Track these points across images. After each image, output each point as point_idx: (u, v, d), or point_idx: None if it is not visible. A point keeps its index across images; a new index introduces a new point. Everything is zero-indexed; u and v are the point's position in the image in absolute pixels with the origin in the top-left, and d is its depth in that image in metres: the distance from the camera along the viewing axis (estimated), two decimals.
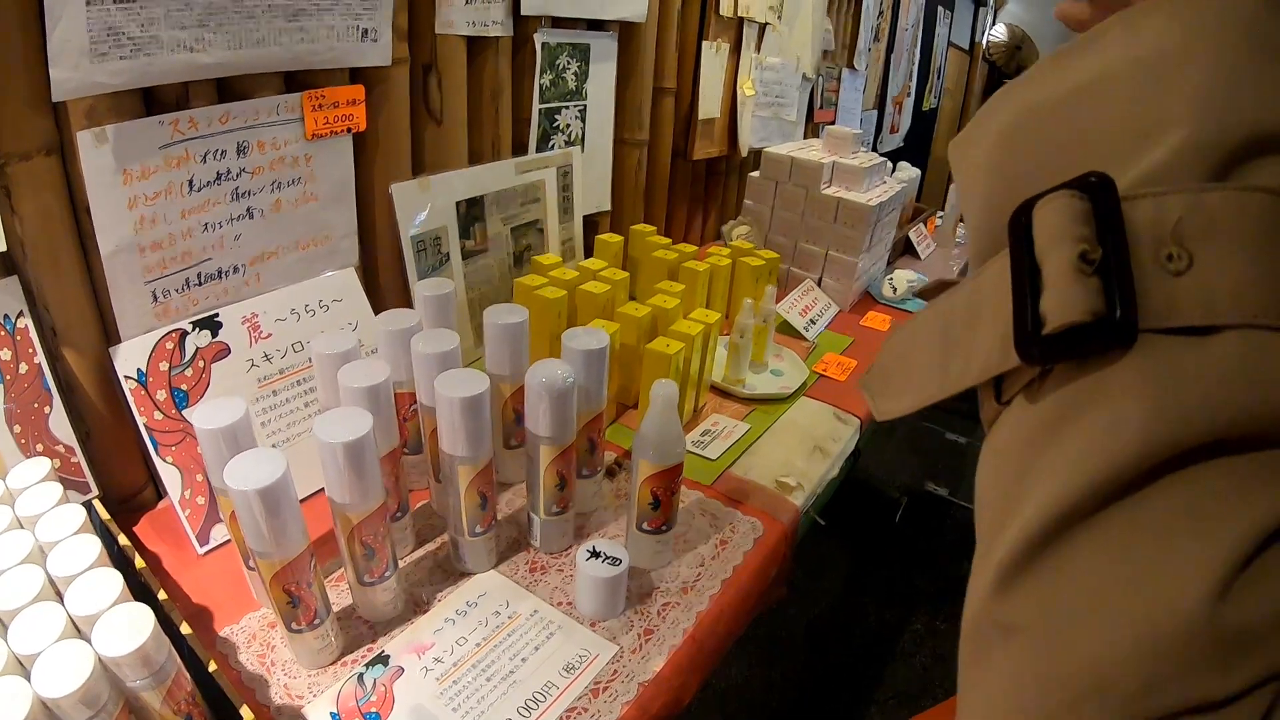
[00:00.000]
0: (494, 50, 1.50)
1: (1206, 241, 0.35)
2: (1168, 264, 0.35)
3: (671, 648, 0.98)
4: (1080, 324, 0.36)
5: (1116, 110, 0.39)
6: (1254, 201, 0.34)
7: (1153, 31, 0.39)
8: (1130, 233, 0.36)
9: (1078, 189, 0.37)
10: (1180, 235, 0.35)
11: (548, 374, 1.00)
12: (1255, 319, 0.33)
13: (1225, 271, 0.34)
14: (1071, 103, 0.41)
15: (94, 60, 0.91)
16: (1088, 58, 0.41)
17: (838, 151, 2.15)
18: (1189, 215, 0.35)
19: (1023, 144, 0.43)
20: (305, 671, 0.91)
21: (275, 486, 0.77)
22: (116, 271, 1.03)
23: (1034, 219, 0.39)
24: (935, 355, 0.46)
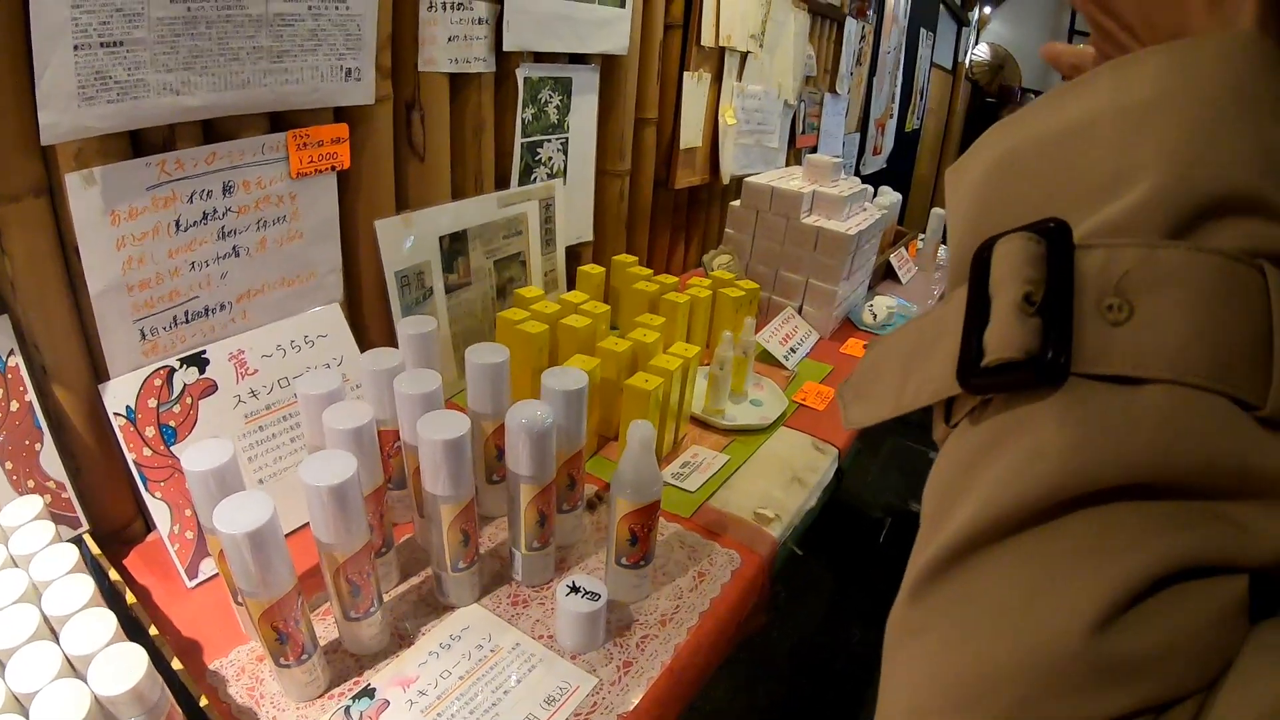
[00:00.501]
0: (477, 86, 1.52)
1: (1150, 296, 0.36)
2: (1108, 313, 0.37)
3: (650, 680, 1.00)
4: (1014, 360, 0.38)
5: (1094, 154, 0.41)
6: (1206, 263, 0.36)
7: (1139, 80, 0.40)
8: (1078, 279, 0.38)
9: (1036, 232, 0.39)
10: (1125, 288, 0.37)
11: (527, 415, 1.02)
12: (1183, 376, 0.35)
13: (1163, 327, 0.36)
14: (1056, 143, 0.43)
15: (82, 104, 0.93)
16: (1078, 100, 0.43)
17: (818, 180, 2.18)
18: (1137, 269, 0.36)
19: (1006, 179, 0.45)
20: (293, 704, 0.93)
21: (263, 530, 0.79)
22: (105, 310, 1.05)
23: (993, 256, 0.41)
24: (898, 373, 0.48)
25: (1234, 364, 0.35)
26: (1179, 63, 0.40)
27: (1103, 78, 0.42)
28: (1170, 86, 0.39)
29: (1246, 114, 0.38)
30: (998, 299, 0.40)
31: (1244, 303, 0.36)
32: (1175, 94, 0.39)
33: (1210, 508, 0.35)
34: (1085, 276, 0.38)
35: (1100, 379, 0.37)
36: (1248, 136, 0.38)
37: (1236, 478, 0.35)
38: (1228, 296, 0.36)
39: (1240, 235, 0.37)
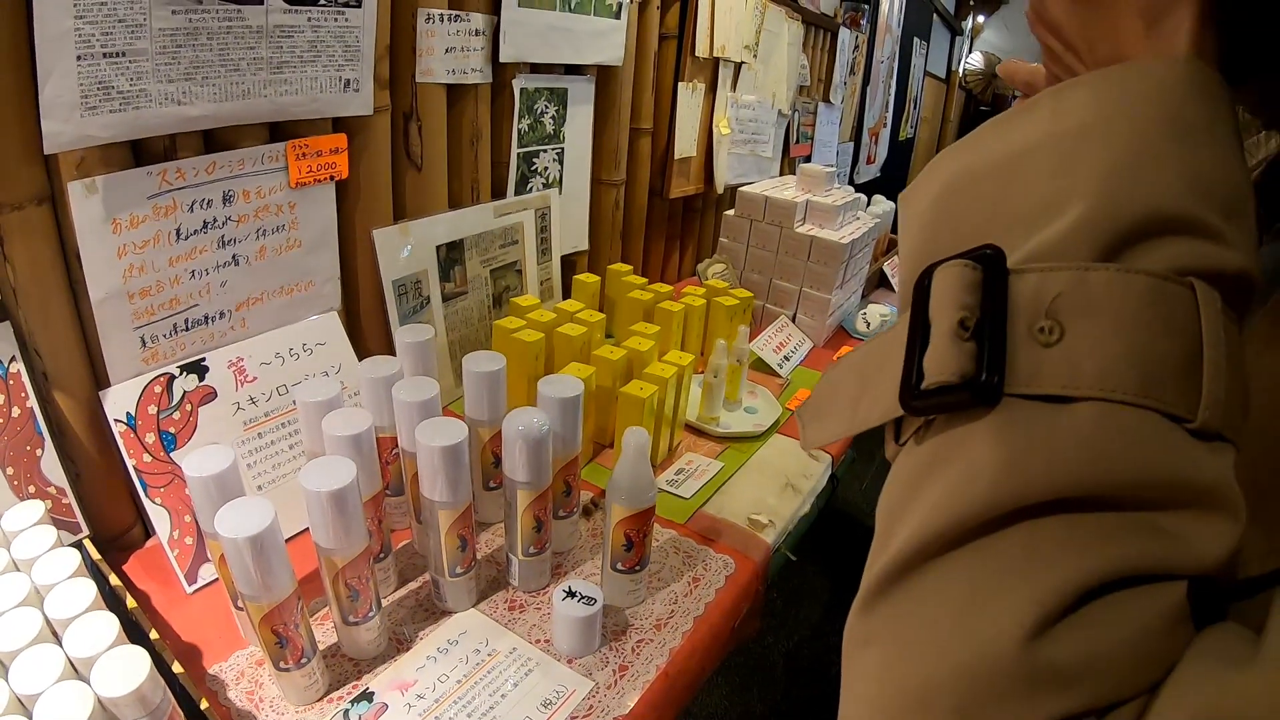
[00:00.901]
0: (473, 97, 1.54)
1: (1081, 318, 0.38)
2: (1039, 335, 0.38)
3: (645, 683, 1.01)
4: (950, 384, 0.40)
5: (1029, 180, 0.42)
6: (1135, 283, 0.38)
7: (1076, 106, 0.42)
8: (1011, 304, 0.39)
9: (973, 259, 0.41)
10: (1056, 310, 0.38)
11: (524, 422, 1.03)
12: (1111, 393, 0.37)
13: (1091, 347, 0.37)
14: (996, 169, 0.44)
15: (85, 113, 0.94)
16: (1020, 127, 0.45)
17: (811, 189, 2.19)
18: (1069, 291, 0.38)
19: (949, 205, 0.46)
20: (293, 708, 0.94)
21: (264, 534, 0.80)
22: (106, 317, 1.06)
23: (932, 283, 0.43)
24: (852, 393, 0.50)
25: (1164, 379, 0.37)
26: (1113, 90, 0.42)
27: (1043, 105, 0.44)
28: (1103, 113, 0.41)
29: (1176, 138, 0.40)
30: (936, 324, 0.42)
31: (1173, 320, 0.37)
32: (1107, 120, 0.41)
33: (1142, 519, 0.36)
34: (1018, 301, 0.39)
35: (1033, 399, 0.38)
36: (1177, 160, 0.39)
37: (1167, 489, 0.36)
38: (1156, 314, 0.37)
39: (1170, 255, 0.38)
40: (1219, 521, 0.37)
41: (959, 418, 0.41)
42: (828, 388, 0.54)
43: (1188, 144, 0.40)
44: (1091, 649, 0.35)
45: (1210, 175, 0.40)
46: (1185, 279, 0.38)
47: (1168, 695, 0.35)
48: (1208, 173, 0.40)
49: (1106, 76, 0.42)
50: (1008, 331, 0.39)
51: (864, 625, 0.44)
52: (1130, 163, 0.40)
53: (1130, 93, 0.41)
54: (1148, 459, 0.36)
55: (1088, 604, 0.36)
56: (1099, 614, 0.36)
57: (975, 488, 0.38)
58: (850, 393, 0.50)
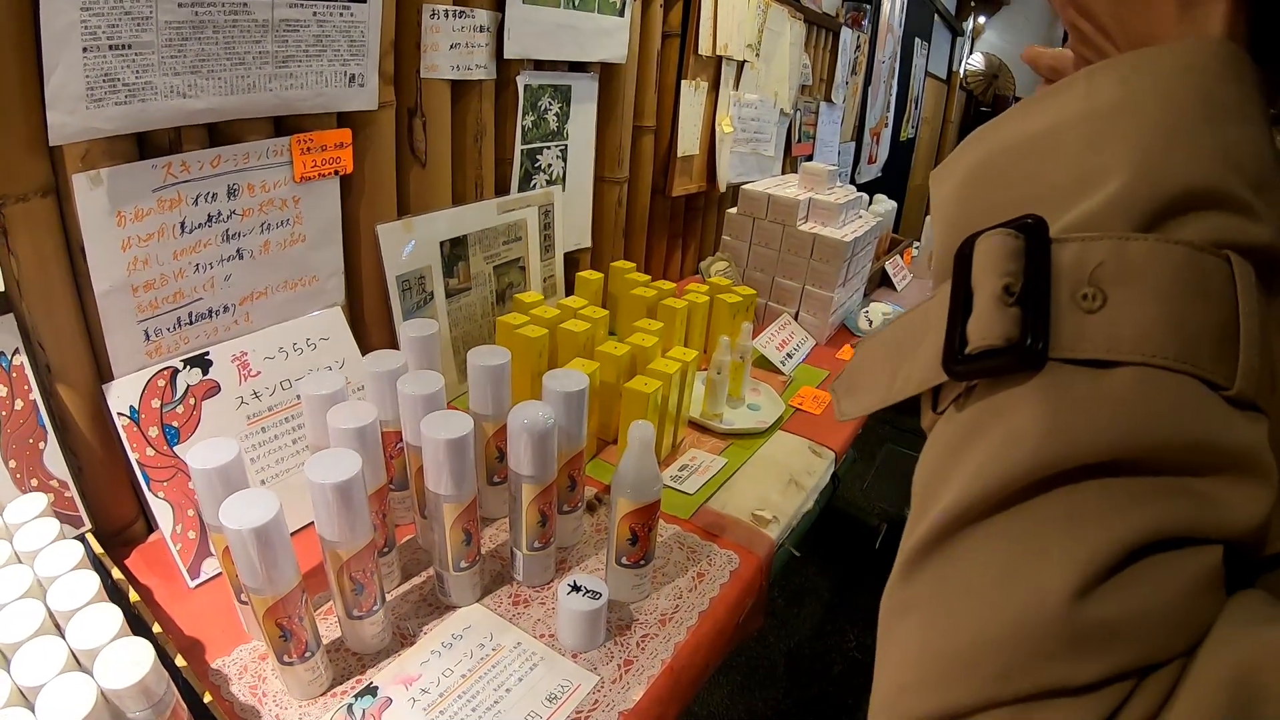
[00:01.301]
0: (477, 93, 1.54)
1: (1122, 285, 0.38)
2: (1082, 302, 0.39)
3: (650, 678, 1.01)
4: (995, 347, 0.40)
5: (1066, 156, 0.43)
6: (1173, 253, 0.38)
7: (1110, 85, 0.43)
8: (1054, 271, 0.40)
9: (1014, 228, 0.42)
10: (1098, 278, 0.39)
11: (529, 415, 1.03)
12: (1151, 358, 0.37)
13: (1133, 314, 0.38)
14: (1032, 146, 0.45)
15: (90, 106, 0.94)
16: (1053, 106, 0.45)
17: (814, 187, 2.19)
18: (1109, 260, 0.39)
19: (985, 180, 0.47)
20: (296, 702, 0.93)
21: (269, 526, 0.80)
22: (110, 311, 1.06)
23: (974, 251, 0.43)
24: (889, 365, 0.50)
25: (1201, 346, 0.37)
26: (1146, 69, 0.42)
27: (1077, 84, 0.44)
28: (1137, 91, 0.42)
29: (1208, 117, 0.40)
30: (980, 292, 0.42)
31: (1210, 289, 0.38)
32: (1142, 98, 0.41)
33: (1179, 483, 0.37)
34: (1061, 268, 0.40)
35: (1075, 363, 0.39)
36: (1210, 136, 0.40)
37: (1204, 453, 0.37)
38: (1194, 284, 0.38)
39: (1206, 228, 0.39)
40: (1253, 487, 0.37)
41: (1002, 383, 0.41)
42: (862, 361, 0.55)
43: (1219, 122, 0.40)
44: (1134, 609, 0.36)
45: (1241, 152, 0.40)
46: (1221, 251, 0.38)
47: (1207, 652, 0.36)
48: (1239, 150, 0.40)
49: (1140, 57, 0.43)
50: (1051, 298, 0.40)
51: (904, 592, 0.44)
52: (1165, 139, 0.40)
53: (1164, 72, 0.42)
54: (1186, 423, 0.37)
55: (1129, 566, 0.37)
56: (1140, 575, 0.37)
57: (1019, 451, 0.39)
58: (886, 365, 0.51)
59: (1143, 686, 0.36)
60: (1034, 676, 0.37)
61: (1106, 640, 0.36)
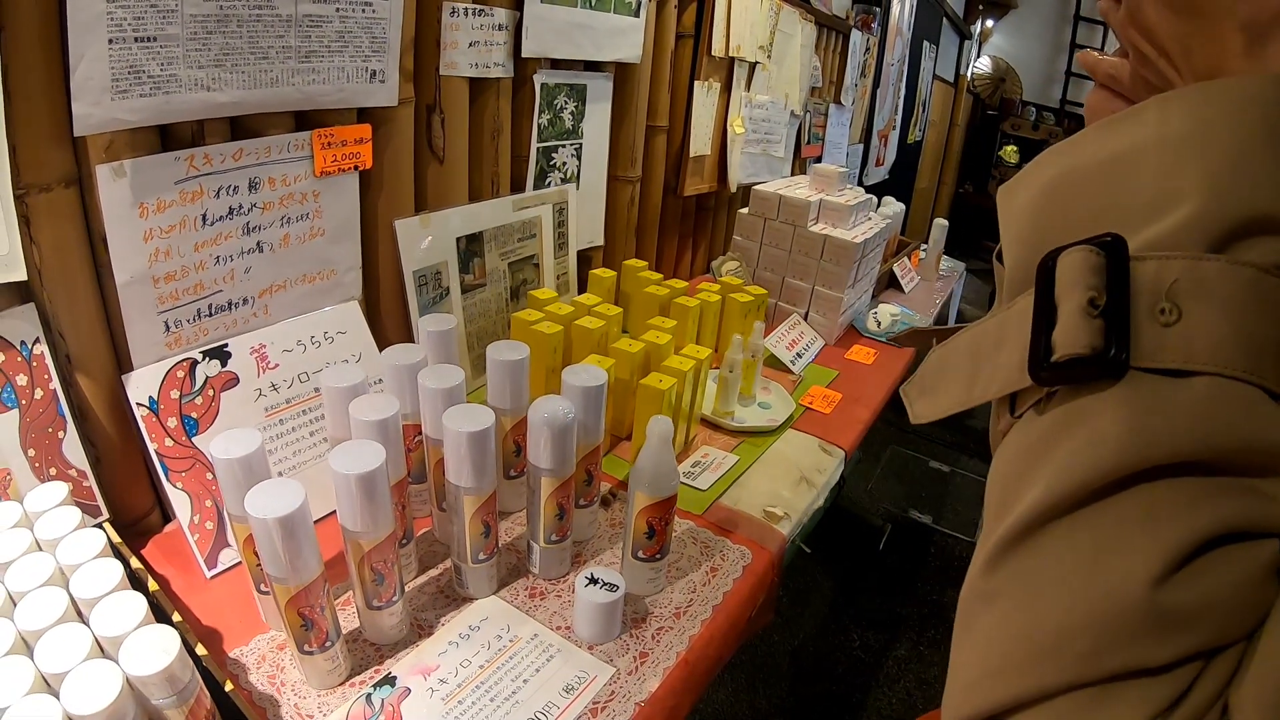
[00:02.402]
0: (495, 91, 1.54)
1: (1196, 302, 0.41)
2: (1160, 316, 0.42)
3: (666, 670, 1.02)
4: (1081, 356, 0.43)
5: (1141, 179, 0.45)
6: (1243, 274, 0.41)
7: (1180, 114, 0.45)
8: (1134, 287, 0.43)
9: (1096, 245, 0.44)
10: (1175, 294, 0.42)
11: (550, 410, 1.04)
12: (1224, 369, 0.40)
13: (1207, 328, 0.41)
14: (1106, 169, 0.47)
15: (115, 97, 0.95)
16: (1126, 131, 0.47)
17: (824, 189, 2.20)
18: (1185, 278, 0.42)
19: (1060, 198, 0.49)
20: (315, 692, 0.94)
21: (294, 515, 0.80)
22: (131, 301, 1.07)
23: (1057, 266, 0.46)
24: (965, 371, 0.54)
25: (1266, 360, 0.41)
26: (1217, 100, 0.44)
27: (1149, 111, 0.47)
28: (1208, 121, 0.44)
29: (1273, 147, 0.43)
30: (1064, 303, 0.45)
31: (1274, 308, 0.41)
32: (1212, 128, 0.44)
33: (1244, 483, 0.40)
34: (1140, 284, 0.43)
35: (1154, 372, 0.42)
36: (1275, 166, 0.42)
37: (1268, 456, 0.40)
38: (1260, 302, 0.41)
39: (1270, 251, 0.42)
40: None
41: (1084, 389, 0.44)
42: (936, 366, 0.58)
43: None
44: (1207, 595, 0.40)
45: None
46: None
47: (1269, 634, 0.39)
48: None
49: (1210, 89, 0.45)
50: (1131, 311, 0.43)
51: (988, 582, 0.47)
52: (1233, 168, 0.43)
53: (1232, 105, 0.44)
54: (1253, 429, 0.40)
55: (1200, 557, 0.40)
56: (1211, 565, 0.40)
57: (1102, 451, 0.42)
58: (963, 371, 0.54)
59: (1211, 666, 0.40)
60: (1119, 657, 0.40)
61: (1182, 624, 0.39)
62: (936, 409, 0.57)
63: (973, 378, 0.53)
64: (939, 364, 0.58)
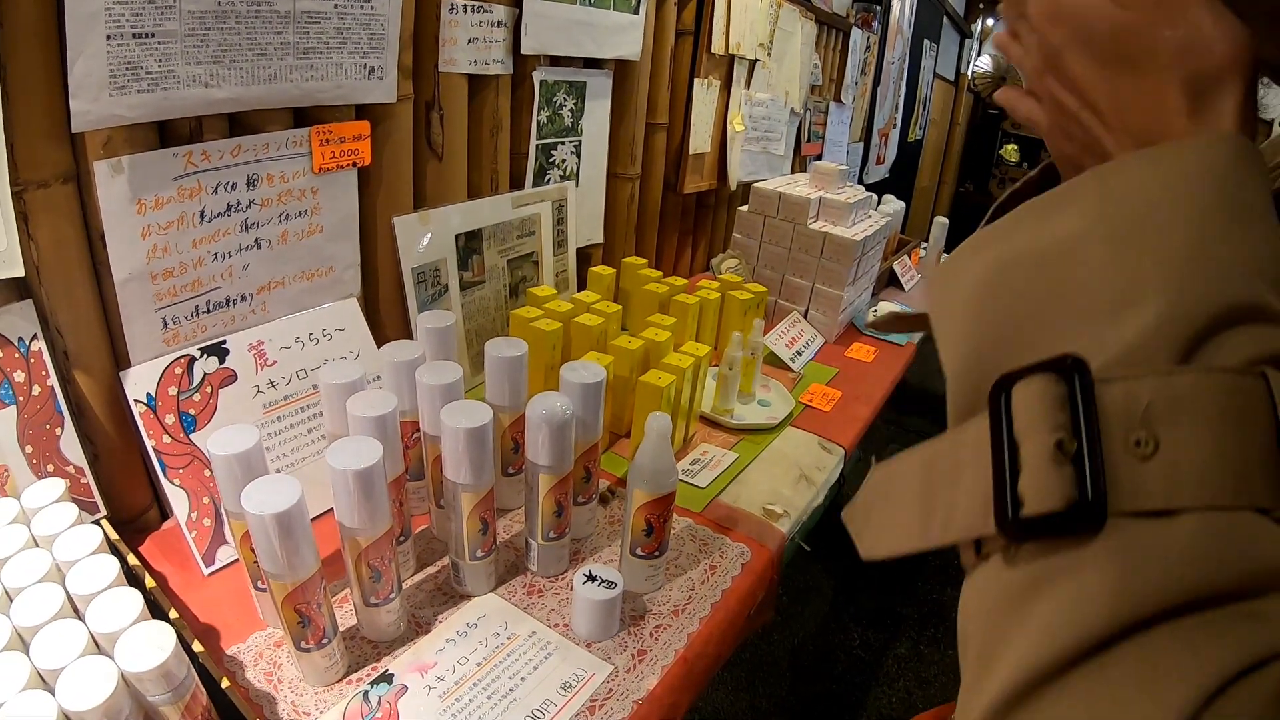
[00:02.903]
0: (494, 88, 1.54)
1: (1172, 425, 0.37)
2: (1136, 449, 0.38)
3: (664, 667, 1.02)
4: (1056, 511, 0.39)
5: (1091, 275, 0.42)
6: (1218, 383, 0.37)
7: (1124, 193, 0.42)
8: (1102, 416, 0.38)
9: (1055, 372, 0.40)
10: (1149, 420, 0.38)
11: (548, 406, 1.04)
12: (1213, 502, 0.36)
13: (1187, 456, 0.37)
14: (1049, 261, 0.43)
15: (113, 93, 0.95)
16: (1064, 215, 0.43)
17: (824, 187, 2.19)
18: (1157, 399, 0.38)
19: (1000, 299, 0.45)
20: (312, 689, 0.94)
21: (291, 512, 0.80)
22: (129, 298, 1.06)
23: (1013, 398, 0.42)
24: (917, 504, 0.47)
25: (1254, 479, 0.37)
26: (1164, 174, 0.41)
27: (1088, 190, 0.43)
28: (1157, 200, 0.41)
29: (1236, 222, 0.40)
30: (1028, 445, 0.40)
31: (1254, 414, 0.37)
32: (1165, 207, 0.41)
33: (1244, 609, 0.36)
34: (1110, 413, 0.39)
35: (1137, 515, 0.37)
36: (1239, 244, 0.40)
37: (1266, 578, 0.36)
38: (1241, 411, 0.37)
39: (1243, 346, 0.38)
40: None
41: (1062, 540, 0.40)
42: (878, 494, 0.52)
43: (1244, 226, 0.40)
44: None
45: (1267, 255, 0.40)
46: (1258, 370, 0.38)
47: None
48: (1265, 253, 0.40)
49: (1155, 160, 0.42)
50: (1104, 447, 0.38)
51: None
52: (1192, 257, 0.39)
53: (1182, 177, 0.41)
54: (1249, 559, 0.36)
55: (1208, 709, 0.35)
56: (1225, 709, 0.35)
57: (1091, 609, 0.38)
58: (914, 501, 0.48)
59: None
60: None
61: None
62: (888, 546, 0.49)
63: (928, 513, 0.46)
64: (884, 487, 0.52)
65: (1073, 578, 0.39)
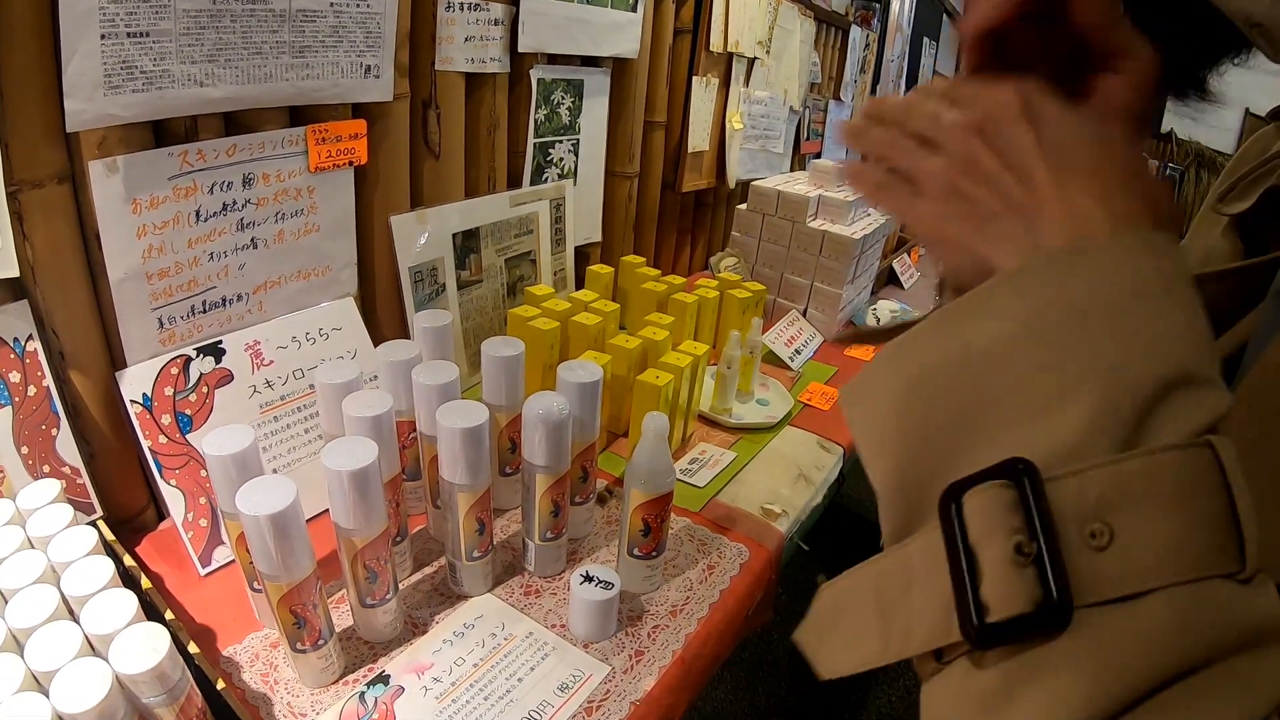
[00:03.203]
0: (491, 86, 1.54)
1: (1127, 514, 0.37)
2: (1092, 541, 0.38)
3: (661, 668, 1.01)
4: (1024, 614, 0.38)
5: (1023, 373, 0.42)
6: (1165, 463, 0.37)
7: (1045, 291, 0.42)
8: (1057, 514, 0.38)
9: (1004, 477, 0.40)
10: (1101, 510, 0.38)
11: (544, 406, 1.03)
12: (1176, 578, 0.36)
13: (1145, 539, 0.37)
14: (972, 365, 0.43)
15: (108, 93, 0.94)
16: (979, 320, 0.43)
17: (823, 185, 2.19)
18: (1108, 489, 0.38)
19: (929, 410, 0.45)
20: (308, 690, 0.94)
21: (286, 512, 0.80)
22: (124, 298, 1.06)
23: (965, 507, 0.41)
24: (873, 620, 0.47)
25: (1213, 548, 0.37)
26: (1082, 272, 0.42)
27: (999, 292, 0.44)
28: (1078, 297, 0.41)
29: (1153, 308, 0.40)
30: (985, 551, 0.40)
31: (1205, 485, 0.37)
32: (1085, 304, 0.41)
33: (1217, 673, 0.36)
34: (1063, 510, 0.38)
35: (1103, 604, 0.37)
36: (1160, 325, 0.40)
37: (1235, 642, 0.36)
38: (1192, 487, 0.37)
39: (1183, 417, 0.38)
40: None
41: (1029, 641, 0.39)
42: (830, 614, 0.52)
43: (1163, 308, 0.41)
44: None
45: (1188, 331, 0.41)
46: (1202, 439, 0.38)
47: None
48: (1186, 330, 0.40)
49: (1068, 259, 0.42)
50: (1062, 544, 0.38)
51: None
52: (1122, 338, 0.40)
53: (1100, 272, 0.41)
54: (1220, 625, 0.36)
55: None
56: None
57: (1070, 705, 0.37)
58: (868, 619, 0.47)
59: None
60: None
61: None
62: (849, 664, 0.49)
63: (885, 628, 0.46)
64: (835, 607, 0.51)
65: (1047, 676, 0.38)
